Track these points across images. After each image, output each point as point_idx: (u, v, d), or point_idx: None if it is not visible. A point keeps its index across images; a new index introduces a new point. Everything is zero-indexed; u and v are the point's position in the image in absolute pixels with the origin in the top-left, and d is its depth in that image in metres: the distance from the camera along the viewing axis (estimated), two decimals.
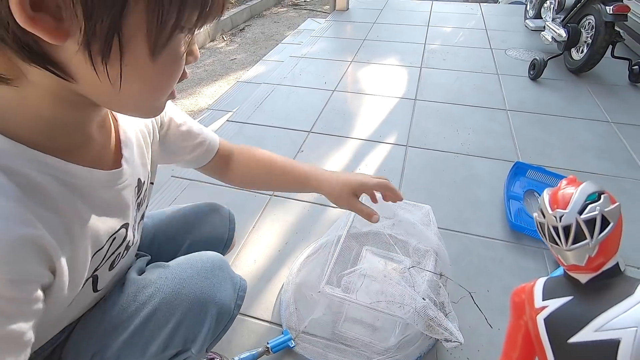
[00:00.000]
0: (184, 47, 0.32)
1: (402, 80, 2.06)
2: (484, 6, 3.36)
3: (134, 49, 0.28)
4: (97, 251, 0.40)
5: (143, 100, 0.34)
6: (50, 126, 0.33)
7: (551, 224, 0.44)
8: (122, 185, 0.42)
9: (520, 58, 2.32)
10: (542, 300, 0.46)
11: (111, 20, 0.25)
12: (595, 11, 1.84)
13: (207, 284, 0.53)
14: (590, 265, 0.42)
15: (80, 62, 0.27)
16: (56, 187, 0.33)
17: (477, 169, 1.40)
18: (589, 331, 0.39)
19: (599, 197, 0.42)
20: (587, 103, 1.84)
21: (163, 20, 0.27)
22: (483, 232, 1.14)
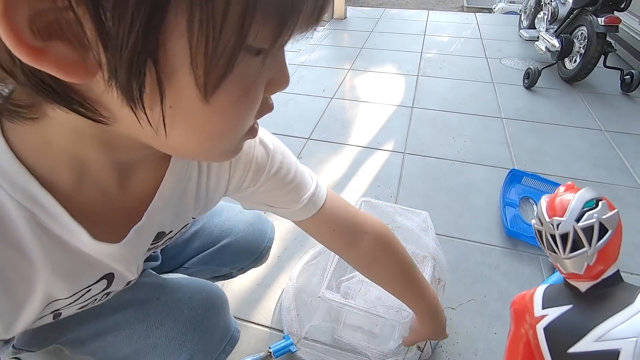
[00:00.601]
0: (260, 77, 0.24)
1: (399, 88, 2.09)
2: (479, 16, 3.42)
3: (178, 88, 0.20)
4: (54, 300, 0.33)
5: (200, 147, 0.26)
6: (57, 157, 0.27)
7: (549, 232, 0.43)
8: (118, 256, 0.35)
9: (515, 67, 2.36)
10: (541, 309, 0.45)
11: (134, 44, 0.17)
12: (587, 22, 1.89)
13: (194, 325, 0.46)
14: (589, 274, 0.41)
15: (112, 101, 0.20)
16: (28, 227, 0.27)
17: (474, 176, 1.42)
18: (588, 341, 0.38)
19: (597, 204, 0.41)
20: (580, 112, 1.88)
21: (214, 44, 0.19)
22: (479, 238, 1.15)
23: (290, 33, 0.21)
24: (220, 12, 0.18)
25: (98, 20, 0.17)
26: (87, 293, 0.36)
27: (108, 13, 0.17)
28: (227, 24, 0.19)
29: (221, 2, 0.18)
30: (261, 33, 0.20)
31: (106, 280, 0.37)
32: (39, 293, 0.31)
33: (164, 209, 0.37)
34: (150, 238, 0.39)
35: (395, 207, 0.96)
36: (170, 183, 0.36)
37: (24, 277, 0.29)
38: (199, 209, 0.45)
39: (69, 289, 0.33)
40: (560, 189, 0.45)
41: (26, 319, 0.32)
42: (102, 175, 0.30)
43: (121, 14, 0.17)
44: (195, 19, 0.18)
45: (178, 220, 0.42)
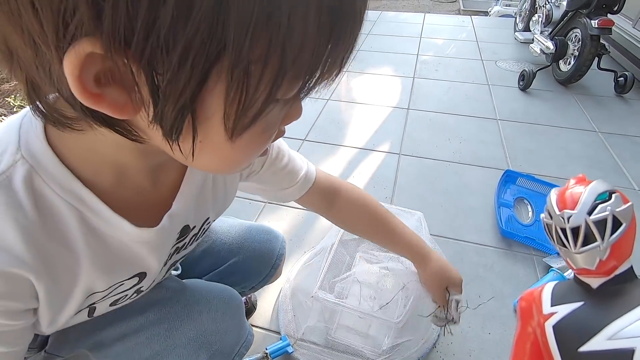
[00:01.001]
0: (279, 116, 0.27)
1: (395, 90, 2.10)
2: (475, 19, 3.44)
3: (208, 130, 0.24)
4: (93, 293, 0.37)
5: (221, 170, 0.31)
6: (101, 163, 0.31)
7: (559, 226, 0.41)
8: (155, 241, 0.39)
9: (510, 69, 2.38)
10: (550, 306, 0.43)
11: (183, 104, 0.22)
12: (581, 25, 1.90)
13: (213, 328, 0.48)
14: (601, 269, 0.39)
15: (153, 132, 0.25)
16: (76, 223, 0.32)
17: (469, 177, 1.42)
18: (600, 339, 0.36)
19: (610, 197, 0.39)
20: (575, 113, 1.89)
21: (246, 103, 0.23)
22: (474, 238, 1.16)
23: (312, 88, 0.25)
24: (254, 81, 0.22)
25: (152, 83, 0.21)
26: (120, 287, 0.39)
27: (163, 79, 0.20)
28: (259, 88, 0.22)
29: (257, 73, 0.21)
30: (288, 90, 0.24)
31: (138, 278, 0.41)
32: (81, 285, 0.35)
33: (188, 199, 0.41)
34: (178, 228, 0.43)
35: (390, 207, 0.96)
36: (193, 174, 0.41)
37: (70, 271, 0.33)
38: (218, 203, 0.49)
39: (106, 282, 0.37)
40: (571, 181, 0.43)
41: (69, 311, 0.36)
42: (138, 176, 0.35)
43: (173, 81, 0.20)
44: (233, 86, 0.22)
45: (199, 214, 0.46)
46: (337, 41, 0.23)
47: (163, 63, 0.20)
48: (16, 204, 0.28)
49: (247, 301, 0.90)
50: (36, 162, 0.29)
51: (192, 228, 0.46)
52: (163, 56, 0.19)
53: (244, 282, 0.69)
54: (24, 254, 0.29)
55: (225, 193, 0.51)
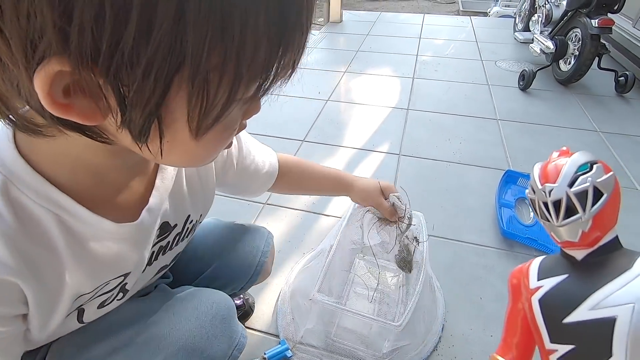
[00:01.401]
0: (240, 113, 0.30)
1: (394, 91, 2.09)
2: (474, 19, 3.44)
3: (174, 131, 0.26)
4: (81, 295, 0.38)
5: (188, 165, 0.35)
6: (76, 166, 0.32)
7: (541, 200, 0.41)
8: (136, 237, 0.40)
9: (510, 69, 2.37)
10: (537, 281, 0.43)
11: (149, 111, 0.24)
12: (581, 24, 1.89)
13: (202, 334, 0.48)
14: (584, 241, 0.39)
15: (122, 135, 0.26)
16: (55, 227, 0.32)
17: (469, 177, 1.41)
18: (583, 310, 0.37)
19: (591, 168, 0.38)
20: (575, 113, 1.88)
21: (207, 107, 0.25)
22: (475, 239, 1.14)
23: (270, 87, 0.27)
24: (213, 86, 0.24)
25: (119, 94, 0.22)
26: (106, 286, 0.40)
27: (128, 90, 0.22)
28: (218, 93, 0.24)
29: (215, 80, 0.24)
30: (246, 91, 0.26)
31: (123, 277, 0.41)
32: (68, 288, 0.35)
33: (163, 194, 0.42)
34: (157, 224, 0.43)
35: None
36: (165, 169, 0.43)
37: (56, 274, 0.34)
38: (198, 202, 0.50)
39: (92, 284, 0.38)
40: (554, 154, 0.42)
41: (59, 314, 0.36)
42: (115, 174, 0.36)
43: (139, 92, 0.22)
44: (194, 93, 0.24)
45: (178, 211, 0.47)
46: (287, 48, 0.25)
47: (128, 77, 0.21)
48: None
49: (245, 303, 0.88)
50: (9, 172, 0.30)
51: (174, 226, 0.47)
52: (128, 71, 0.21)
53: (230, 284, 0.68)
54: (8, 259, 0.29)
55: (203, 193, 0.51)
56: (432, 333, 0.86)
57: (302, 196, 1.29)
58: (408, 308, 0.70)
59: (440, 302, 0.93)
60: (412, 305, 0.70)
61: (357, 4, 5.50)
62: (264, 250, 0.71)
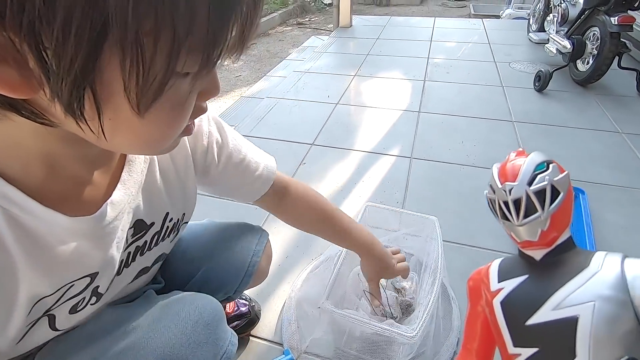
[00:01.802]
0: (190, 90, 0.27)
1: (405, 93, 2.05)
2: (486, 21, 3.39)
3: (115, 106, 0.24)
4: (41, 298, 0.35)
5: (140, 149, 0.31)
6: (28, 156, 0.30)
7: (501, 199, 0.40)
8: (95, 233, 0.37)
9: (524, 70, 2.31)
10: (497, 283, 0.43)
11: (74, 78, 0.21)
12: (599, 22, 1.83)
13: (182, 341, 0.44)
14: (543, 240, 0.39)
15: (57, 111, 0.24)
16: (5, 223, 0.30)
17: (484, 181, 1.35)
18: (546, 310, 0.37)
19: (548, 167, 0.39)
20: (595, 114, 1.81)
21: (144, 77, 0.23)
22: (491, 245, 1.09)
23: (215, 62, 0.25)
24: (149, 53, 0.22)
25: (40, 58, 0.20)
26: (71, 288, 0.37)
27: (49, 53, 0.20)
28: (155, 60, 0.22)
29: (149, 46, 0.21)
30: (189, 62, 0.23)
31: (89, 278, 0.38)
32: (23, 289, 0.32)
33: (132, 189, 0.39)
34: (128, 221, 0.40)
35: (402, 212, 0.91)
36: (134, 163, 0.40)
37: (7, 272, 0.31)
38: (177, 200, 0.48)
39: (51, 284, 0.35)
40: (511, 154, 0.43)
41: (17, 320, 0.33)
42: (72, 165, 0.33)
43: (61, 55, 0.20)
44: (127, 58, 0.21)
45: (153, 209, 0.44)
46: (232, 10, 0.23)
47: (46, 35, 0.19)
48: None
49: (250, 311, 0.85)
50: None
51: (151, 224, 0.45)
52: (44, 27, 0.19)
53: (222, 288, 0.64)
54: None
55: (183, 189, 0.49)
56: (448, 345, 0.81)
57: None
58: (421, 319, 0.66)
59: (455, 314, 0.88)
60: (425, 316, 0.66)
61: (367, 10, 5.50)
62: (256, 250, 0.66)
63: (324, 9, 5.39)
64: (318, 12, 5.37)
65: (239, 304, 0.85)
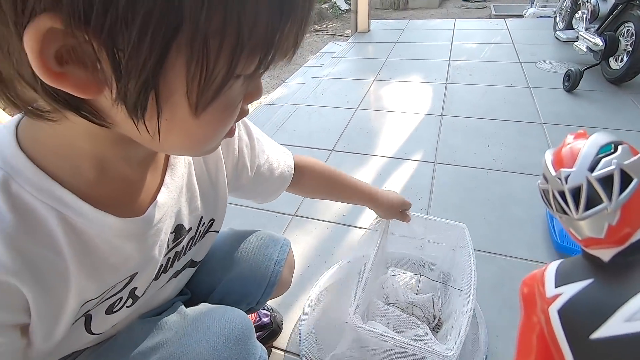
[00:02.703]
0: (241, 93, 0.28)
1: (427, 97, 2.01)
2: (509, 21, 3.29)
3: (173, 107, 0.25)
4: (87, 301, 0.36)
5: (187, 150, 0.32)
6: (80, 158, 0.31)
7: (556, 189, 0.34)
8: (143, 234, 0.37)
9: (552, 70, 2.21)
10: (554, 288, 0.36)
11: (145, 80, 0.22)
12: (634, 17, 1.73)
13: (214, 357, 0.44)
14: (612, 238, 0.32)
15: (118, 112, 0.25)
16: (58, 225, 0.30)
17: (513, 186, 1.29)
18: (617, 322, 0.30)
19: (616, 149, 0.32)
20: (632, 114, 1.70)
21: (207, 78, 0.24)
22: (524, 254, 1.03)
23: (271, 63, 0.26)
24: (213, 54, 0.23)
25: (114, 59, 0.21)
26: (112, 289, 0.38)
27: (124, 55, 0.21)
28: (218, 62, 0.23)
29: (215, 47, 0.22)
30: (247, 64, 0.25)
31: (129, 279, 0.39)
32: (73, 291, 0.33)
33: (173, 192, 0.40)
34: (170, 225, 0.41)
35: (428, 219, 0.87)
36: (175, 166, 0.41)
37: (61, 277, 0.32)
38: (209, 204, 0.48)
39: (97, 288, 0.36)
40: (569, 137, 0.35)
41: (65, 321, 0.34)
42: (121, 167, 0.34)
43: (135, 56, 0.21)
44: (193, 59, 0.22)
45: (191, 213, 0.45)
46: (289, 17, 0.24)
47: (123, 37, 0.20)
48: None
49: (272, 322, 0.83)
50: (10, 167, 0.29)
51: (189, 230, 0.45)
52: (123, 30, 0.20)
53: (245, 298, 0.62)
54: (6, 259, 0.28)
55: (214, 194, 0.49)
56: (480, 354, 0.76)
57: (332, 207, 1.23)
58: (458, 336, 0.61)
59: (482, 329, 0.83)
60: (462, 333, 0.62)
61: (385, 14, 5.47)
62: (278, 259, 0.64)
63: (341, 15, 5.40)
64: (335, 18, 5.38)
65: (260, 315, 0.83)
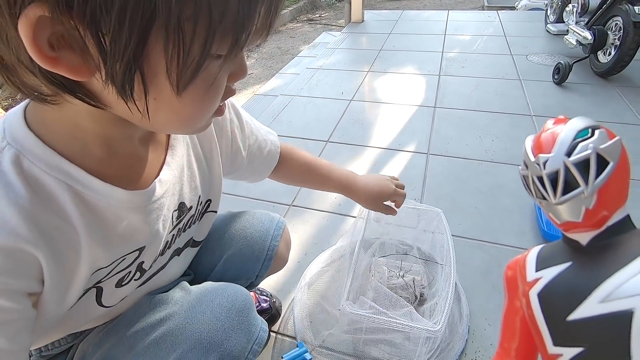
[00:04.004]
0: (221, 72, 0.31)
1: (420, 89, 2.03)
2: (501, 13, 3.32)
3: (158, 86, 0.28)
4: (98, 269, 0.38)
5: (178, 127, 0.35)
6: (86, 137, 0.33)
7: (535, 174, 0.34)
8: (147, 207, 0.40)
9: (543, 63, 2.25)
10: (535, 272, 0.37)
11: (127, 61, 0.25)
12: (622, 12, 1.77)
13: (217, 326, 0.46)
14: (589, 221, 0.32)
15: (110, 94, 0.28)
16: (69, 197, 0.33)
17: (504, 176, 1.33)
18: (592, 303, 0.30)
19: (593, 133, 0.32)
20: (618, 107, 1.75)
21: (184, 59, 0.26)
22: (513, 242, 1.07)
23: (244, 44, 0.28)
24: (188, 37, 0.25)
25: (99, 43, 0.24)
26: (122, 262, 0.40)
27: (107, 38, 0.24)
28: (194, 44, 0.26)
29: (189, 30, 0.25)
30: (221, 45, 0.27)
31: (138, 251, 0.42)
32: (84, 260, 0.35)
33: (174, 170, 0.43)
34: (173, 202, 0.44)
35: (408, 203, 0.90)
36: (175, 146, 0.44)
37: (72, 246, 0.34)
38: (206, 184, 0.51)
39: (108, 257, 0.38)
40: (548, 123, 0.36)
41: (76, 288, 0.36)
42: (128, 145, 0.37)
43: (117, 39, 0.24)
44: (170, 43, 0.25)
45: (191, 191, 0.48)
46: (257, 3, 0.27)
47: (104, 22, 0.23)
48: (6, 183, 0.30)
49: (271, 307, 0.86)
50: (21, 146, 0.31)
51: (190, 208, 0.48)
52: (103, 15, 0.23)
53: (244, 274, 0.66)
54: (22, 228, 0.30)
55: (210, 175, 0.52)
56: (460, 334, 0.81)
57: (328, 198, 1.26)
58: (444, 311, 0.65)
59: (464, 302, 0.87)
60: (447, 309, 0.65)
61: (378, 4, 5.44)
62: (274, 234, 0.67)
63: (334, 4, 5.35)
64: (328, 7, 5.34)
65: (260, 300, 0.86)
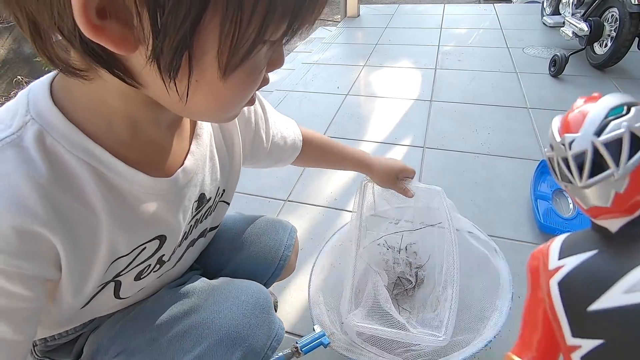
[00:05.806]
0: (265, 60, 0.29)
1: (416, 82, 2.02)
2: (498, 6, 3.30)
3: (203, 68, 0.26)
4: (118, 257, 0.37)
5: (211, 113, 0.33)
6: (113, 116, 0.32)
7: (560, 156, 0.31)
8: (170, 195, 0.38)
9: (539, 55, 2.24)
10: (557, 260, 0.34)
11: (181, 37, 0.23)
12: (618, 3, 1.76)
13: (244, 322, 0.47)
14: (620, 206, 0.29)
15: (149, 73, 0.26)
16: (91, 179, 0.31)
17: (500, 169, 1.33)
18: (615, 293, 0.28)
19: (628, 110, 0.28)
20: None
21: (239, 39, 0.25)
22: (509, 234, 1.07)
23: (297, 31, 0.27)
24: (247, 15, 0.24)
25: (154, 15, 0.22)
26: (143, 252, 0.39)
27: (163, 11, 0.22)
28: (251, 24, 0.24)
29: (249, 8, 0.23)
30: (276, 30, 0.26)
31: (158, 241, 0.40)
32: (104, 246, 0.34)
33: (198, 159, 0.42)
34: (194, 193, 0.43)
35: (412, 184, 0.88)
36: (200, 135, 0.43)
37: (91, 231, 0.33)
38: (225, 174, 0.50)
39: (128, 243, 0.36)
40: (578, 101, 0.32)
41: (94, 277, 0.35)
42: (152, 129, 0.36)
43: (174, 13, 0.22)
44: (227, 20, 0.23)
45: (212, 182, 0.46)
46: None
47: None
48: (27, 160, 0.28)
49: None
50: (45, 121, 0.29)
51: (209, 199, 0.47)
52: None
53: (254, 278, 0.62)
54: (38, 209, 0.28)
55: (230, 166, 0.51)
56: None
57: (323, 192, 1.25)
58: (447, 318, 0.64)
59: None
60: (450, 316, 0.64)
61: None
62: (287, 244, 0.66)
63: None
64: None
65: None
